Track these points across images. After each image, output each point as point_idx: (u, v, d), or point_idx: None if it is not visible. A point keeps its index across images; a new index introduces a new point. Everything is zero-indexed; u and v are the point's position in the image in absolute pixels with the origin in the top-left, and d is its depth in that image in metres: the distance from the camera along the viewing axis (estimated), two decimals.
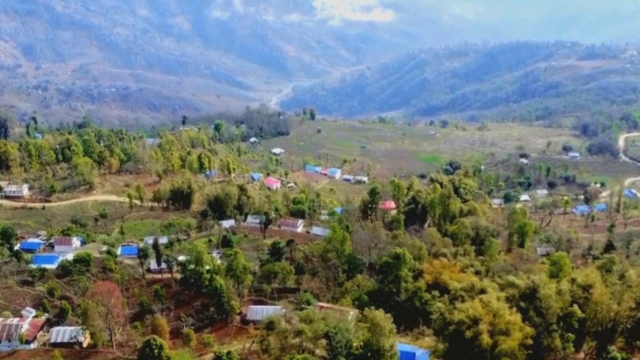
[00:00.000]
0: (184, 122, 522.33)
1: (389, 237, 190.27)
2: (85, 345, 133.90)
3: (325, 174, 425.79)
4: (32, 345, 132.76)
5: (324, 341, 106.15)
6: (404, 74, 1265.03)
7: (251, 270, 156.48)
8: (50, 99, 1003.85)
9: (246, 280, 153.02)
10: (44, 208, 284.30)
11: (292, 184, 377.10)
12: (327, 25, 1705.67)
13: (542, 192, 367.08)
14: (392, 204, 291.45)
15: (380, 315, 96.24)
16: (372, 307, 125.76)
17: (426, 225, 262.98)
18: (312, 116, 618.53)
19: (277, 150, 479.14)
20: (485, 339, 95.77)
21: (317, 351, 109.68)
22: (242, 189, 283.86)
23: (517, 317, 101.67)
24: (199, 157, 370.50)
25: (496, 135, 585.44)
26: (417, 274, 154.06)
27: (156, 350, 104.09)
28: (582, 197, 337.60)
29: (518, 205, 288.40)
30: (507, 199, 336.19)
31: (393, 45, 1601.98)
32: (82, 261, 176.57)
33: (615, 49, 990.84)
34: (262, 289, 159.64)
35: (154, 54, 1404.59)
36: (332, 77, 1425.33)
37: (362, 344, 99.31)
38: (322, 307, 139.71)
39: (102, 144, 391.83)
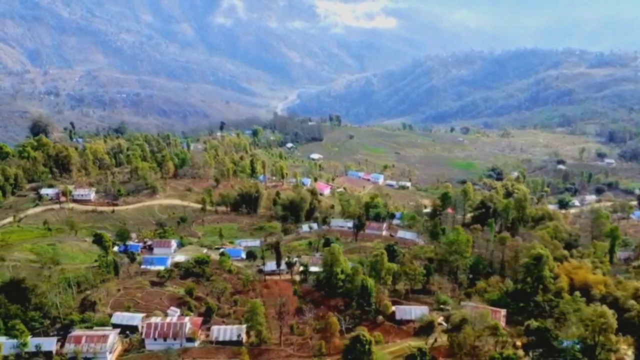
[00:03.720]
0: (221, 128, 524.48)
1: (496, 241, 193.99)
2: (244, 343, 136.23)
3: (368, 179, 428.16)
4: (196, 343, 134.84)
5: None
6: (411, 81, 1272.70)
7: (394, 270, 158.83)
8: (63, 105, 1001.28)
9: (388, 280, 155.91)
10: (113, 211, 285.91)
11: (341, 189, 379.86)
12: (330, 32, 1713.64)
13: (590, 198, 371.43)
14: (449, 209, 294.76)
15: (609, 312, 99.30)
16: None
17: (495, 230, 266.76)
18: (339, 122, 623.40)
19: (315, 156, 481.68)
20: None
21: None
22: (313, 193, 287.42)
23: None
24: (251, 162, 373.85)
25: (522, 142, 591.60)
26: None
27: (367, 346, 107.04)
28: (634, 202, 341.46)
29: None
30: (561, 204, 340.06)
31: (396, 52, 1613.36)
32: (203, 262, 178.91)
33: (624, 56, 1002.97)
34: (396, 289, 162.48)
35: (159, 60, 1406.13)
36: (338, 84, 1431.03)
37: (576, 340, 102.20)
38: (475, 307, 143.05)
39: (148, 149, 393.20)
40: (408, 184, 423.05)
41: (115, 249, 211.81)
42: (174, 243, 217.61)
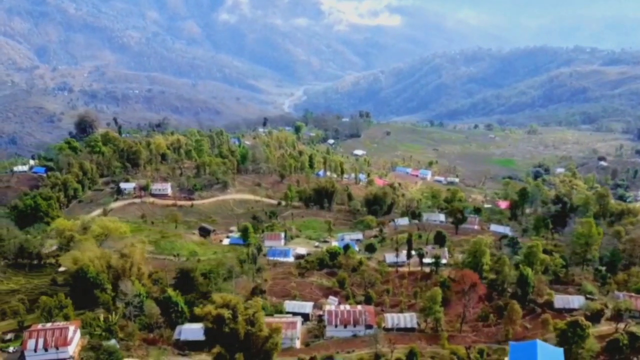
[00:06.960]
0: (264, 124, 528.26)
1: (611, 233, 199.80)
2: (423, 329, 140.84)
3: (417, 175, 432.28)
4: (373, 330, 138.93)
5: None
6: (419, 78, 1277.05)
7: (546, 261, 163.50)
8: (76, 101, 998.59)
9: (540, 271, 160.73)
10: (192, 206, 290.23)
11: (396, 185, 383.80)
12: (335, 29, 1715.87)
13: None
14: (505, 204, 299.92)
15: None
16: None
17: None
18: (369, 119, 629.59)
19: (358, 152, 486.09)
20: None
21: None
22: (393, 187, 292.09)
23: None
24: (310, 157, 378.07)
25: (552, 139, 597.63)
26: None
27: (587, 330, 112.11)
28: None
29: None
30: (621, 199, 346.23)
31: (400, 50, 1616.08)
32: (336, 254, 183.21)
33: (637, 54, 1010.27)
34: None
35: (166, 57, 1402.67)
36: (345, 81, 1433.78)
37: None
38: (630, 296, 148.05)
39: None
40: (456, 179, 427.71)
41: (227, 241, 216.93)
42: (282, 236, 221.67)
